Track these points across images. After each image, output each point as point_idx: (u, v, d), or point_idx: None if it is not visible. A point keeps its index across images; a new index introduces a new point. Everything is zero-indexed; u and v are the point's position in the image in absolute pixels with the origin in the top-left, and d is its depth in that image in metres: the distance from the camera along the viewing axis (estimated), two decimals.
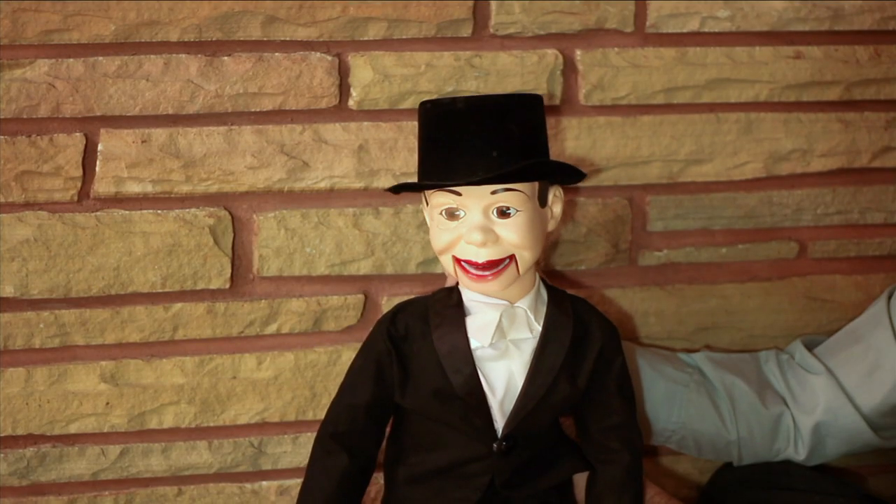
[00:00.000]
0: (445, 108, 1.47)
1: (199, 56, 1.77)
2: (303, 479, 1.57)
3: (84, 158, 1.76)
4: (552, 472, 1.60)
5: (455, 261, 1.50)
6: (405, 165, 1.83)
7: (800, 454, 1.85)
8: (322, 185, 1.83)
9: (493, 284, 1.50)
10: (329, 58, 1.81)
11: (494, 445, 1.53)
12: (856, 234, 2.03)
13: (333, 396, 1.59)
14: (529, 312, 1.53)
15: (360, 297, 1.87)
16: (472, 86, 1.84)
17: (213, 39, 1.77)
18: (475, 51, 1.85)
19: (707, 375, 1.86)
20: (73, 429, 1.82)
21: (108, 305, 1.80)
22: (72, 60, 1.74)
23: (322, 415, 1.83)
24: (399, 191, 1.54)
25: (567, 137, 1.89)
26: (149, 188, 1.78)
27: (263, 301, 1.84)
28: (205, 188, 1.80)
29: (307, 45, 1.80)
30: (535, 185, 1.50)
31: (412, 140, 1.80)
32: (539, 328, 1.53)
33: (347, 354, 1.85)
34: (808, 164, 1.98)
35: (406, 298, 1.62)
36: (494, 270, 1.49)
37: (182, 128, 1.78)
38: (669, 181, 1.94)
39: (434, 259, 1.83)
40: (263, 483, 1.91)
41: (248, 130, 1.80)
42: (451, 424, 1.54)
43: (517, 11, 1.84)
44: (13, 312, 1.78)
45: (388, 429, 1.61)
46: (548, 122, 1.86)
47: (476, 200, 1.47)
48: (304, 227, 1.83)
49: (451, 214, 1.49)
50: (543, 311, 1.55)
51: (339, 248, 1.85)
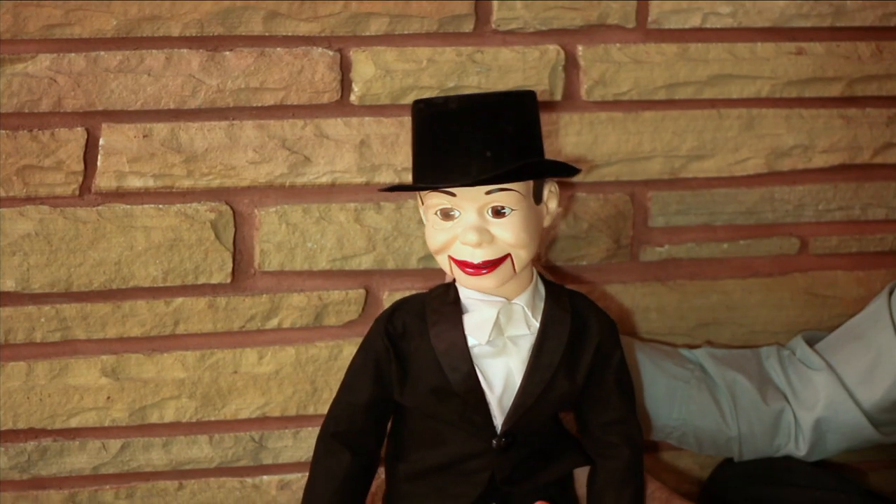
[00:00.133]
0: (438, 108, 1.46)
1: (201, 51, 1.77)
2: (306, 480, 1.57)
3: (85, 153, 1.76)
4: (552, 468, 1.59)
5: (451, 260, 1.51)
6: (406, 160, 1.83)
7: (800, 450, 1.85)
8: (323, 180, 1.83)
9: (490, 280, 1.49)
10: (331, 53, 1.80)
11: (494, 442, 1.53)
12: (857, 230, 2.02)
13: (334, 393, 1.59)
14: (527, 309, 1.53)
15: (362, 292, 1.87)
16: (474, 81, 1.84)
17: (215, 34, 1.77)
18: (477, 46, 1.85)
19: (708, 371, 1.85)
20: (74, 423, 1.82)
21: (110, 300, 1.80)
22: (73, 55, 1.74)
23: (323, 409, 1.83)
24: (393, 191, 1.54)
25: (568, 133, 1.89)
26: (150, 183, 1.78)
27: (264, 296, 1.84)
28: (206, 183, 1.80)
29: (309, 41, 1.80)
30: (530, 183, 1.49)
31: None
32: (537, 324, 1.53)
33: (348, 349, 1.85)
34: (810, 161, 1.98)
35: (406, 294, 1.62)
36: (490, 266, 1.49)
37: (184, 122, 1.78)
38: (671, 177, 1.94)
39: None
40: (264, 477, 1.91)
41: (250, 125, 1.80)
42: (451, 421, 1.53)
43: (519, 7, 1.84)
44: (14, 306, 1.78)
45: (389, 426, 1.61)
46: (550, 118, 1.87)
47: (471, 201, 1.46)
48: (306, 222, 1.83)
49: (446, 214, 1.48)
50: (541, 308, 1.54)
51: (341, 243, 1.85)
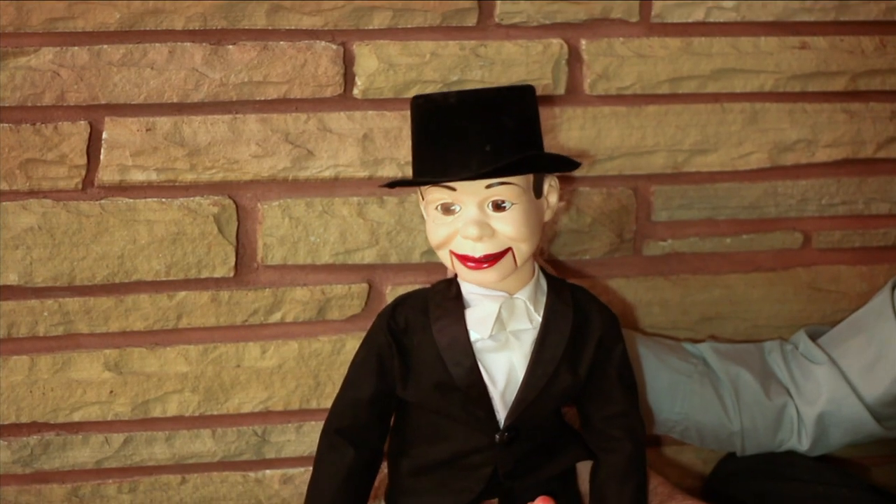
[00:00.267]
0: (438, 103, 1.46)
1: (204, 44, 1.77)
2: (310, 475, 1.57)
3: (88, 146, 1.76)
4: (555, 462, 1.59)
5: (452, 254, 1.50)
6: (409, 154, 1.82)
7: (803, 444, 1.85)
8: (326, 174, 1.83)
9: (491, 274, 1.49)
10: (334, 46, 1.80)
11: (497, 436, 1.53)
12: (860, 225, 2.02)
13: (337, 388, 1.59)
14: (529, 303, 1.53)
15: (365, 286, 1.87)
16: (477, 75, 1.84)
17: (218, 28, 1.77)
18: (480, 40, 1.85)
19: (711, 366, 1.85)
20: (77, 417, 1.82)
21: (112, 294, 1.80)
22: (76, 48, 1.74)
23: (326, 404, 1.83)
24: (394, 186, 1.54)
25: (572, 127, 1.89)
26: (153, 176, 1.78)
27: (267, 290, 1.84)
28: (209, 177, 1.79)
29: (312, 34, 1.80)
30: (530, 177, 1.49)
31: None
32: (539, 319, 1.53)
33: (351, 343, 1.85)
34: (813, 155, 1.98)
35: (409, 288, 1.62)
36: (491, 260, 1.49)
37: (187, 116, 1.78)
38: (674, 171, 1.94)
39: None
40: (267, 471, 1.91)
41: (253, 119, 1.80)
42: (453, 416, 1.54)
43: (522, 1, 1.84)
44: (17, 300, 1.78)
45: (392, 421, 1.61)
46: (553, 112, 1.87)
47: (471, 195, 1.46)
48: (309, 216, 1.83)
49: (447, 209, 1.48)
50: (543, 302, 1.54)
51: (344, 237, 1.85)
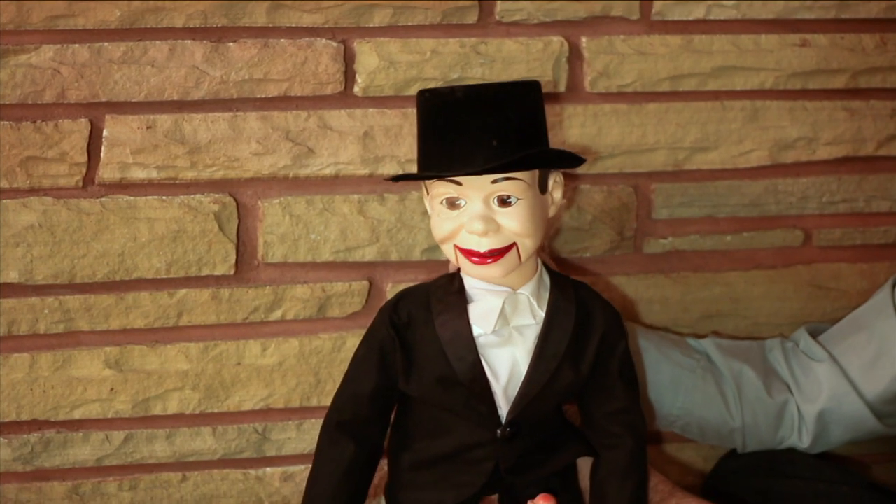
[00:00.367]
0: (444, 98, 1.46)
1: (205, 42, 1.77)
2: (310, 469, 1.57)
3: (89, 144, 1.76)
4: (556, 458, 1.60)
5: (457, 249, 1.50)
6: (410, 152, 1.83)
7: (804, 442, 1.85)
8: (327, 172, 1.83)
9: (495, 269, 1.49)
10: (334, 44, 1.80)
11: (498, 431, 1.53)
12: (861, 223, 2.02)
13: (338, 385, 1.59)
14: (532, 299, 1.53)
15: (365, 284, 1.87)
16: (478, 73, 1.84)
17: (219, 25, 1.77)
18: (481, 37, 1.85)
19: (714, 361, 1.85)
20: (78, 414, 1.82)
21: (113, 291, 1.80)
22: (77, 46, 1.74)
23: (326, 401, 1.83)
24: (399, 180, 1.54)
25: (572, 125, 1.89)
26: (154, 174, 1.78)
27: (268, 287, 1.84)
28: (210, 174, 1.79)
29: (313, 32, 1.80)
30: (536, 173, 1.50)
31: None
32: (542, 314, 1.53)
33: (352, 341, 1.85)
34: (814, 153, 1.98)
35: (410, 286, 1.62)
36: (496, 255, 1.49)
37: (187, 114, 1.78)
38: (675, 169, 1.94)
39: (438, 246, 1.82)
40: (268, 469, 1.91)
41: (254, 117, 1.80)
42: (455, 411, 1.54)
43: None
44: (18, 298, 1.78)
45: (393, 415, 1.61)
46: (553, 110, 1.87)
47: (476, 190, 1.47)
48: (309, 214, 1.83)
49: (452, 204, 1.49)
50: (546, 298, 1.54)
51: (344, 235, 1.85)
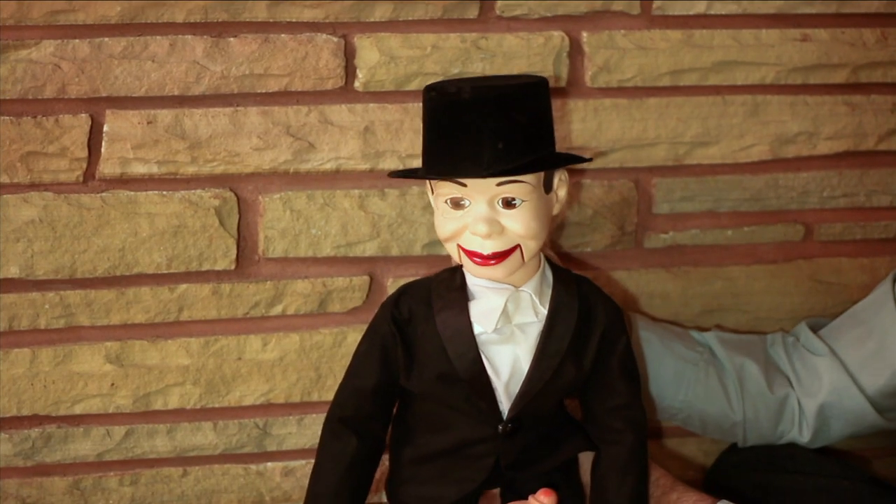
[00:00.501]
0: (450, 97, 1.44)
1: (205, 37, 1.77)
2: (313, 464, 1.57)
3: (89, 139, 1.76)
4: (557, 453, 1.59)
5: (460, 248, 1.50)
6: (411, 147, 1.83)
7: (804, 436, 1.85)
8: (328, 167, 1.83)
9: (498, 270, 1.49)
10: (335, 39, 1.80)
11: (500, 427, 1.53)
12: (862, 217, 2.02)
13: (338, 380, 1.58)
14: (534, 296, 1.52)
15: (366, 279, 1.87)
16: (478, 68, 1.84)
17: (219, 20, 1.76)
18: (481, 32, 1.84)
19: (717, 355, 1.86)
20: (78, 409, 1.82)
21: (114, 286, 1.80)
22: (77, 41, 1.73)
23: (327, 396, 1.83)
24: (402, 177, 1.53)
25: (573, 119, 1.89)
26: (154, 169, 1.78)
27: (269, 282, 1.84)
28: (210, 169, 1.79)
29: (313, 27, 1.80)
30: (541, 173, 1.49)
31: (418, 122, 1.79)
32: (544, 311, 1.53)
33: (353, 336, 1.85)
34: (815, 147, 1.98)
35: (411, 280, 1.62)
36: (499, 257, 1.49)
37: (188, 109, 1.78)
38: (675, 163, 1.94)
39: (439, 241, 1.82)
40: (268, 464, 1.91)
41: (254, 111, 1.80)
42: (456, 407, 1.54)
43: None
44: (18, 293, 1.78)
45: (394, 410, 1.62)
46: (554, 104, 1.85)
47: (481, 191, 1.46)
48: (310, 209, 1.83)
49: (456, 203, 1.48)
50: (549, 294, 1.54)
51: (345, 230, 1.85)
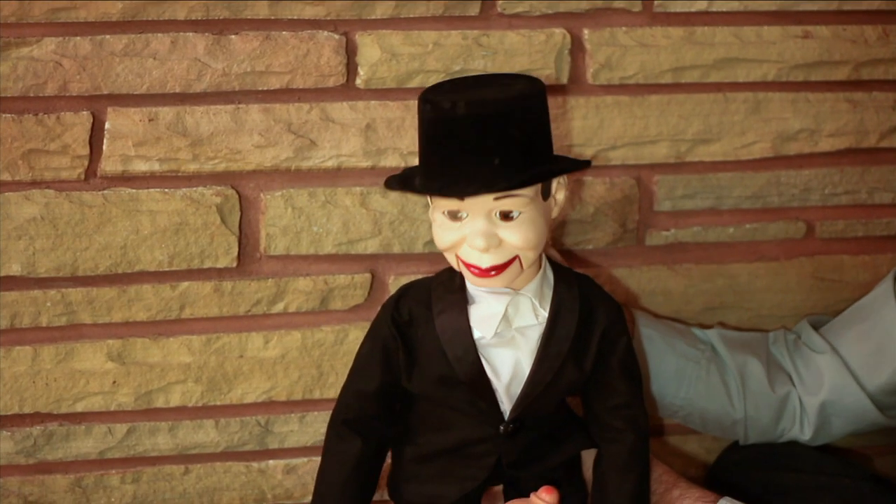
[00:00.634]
0: (445, 113, 1.42)
1: (207, 34, 1.77)
2: (318, 466, 1.57)
3: (91, 137, 1.75)
4: (559, 451, 1.59)
5: (458, 259, 1.50)
6: (412, 144, 1.83)
7: (805, 434, 1.85)
8: (329, 164, 1.83)
9: (497, 281, 1.48)
10: (336, 36, 1.80)
11: (501, 427, 1.53)
12: (863, 215, 2.02)
13: (340, 378, 1.59)
14: (534, 300, 1.52)
15: (368, 276, 1.87)
16: (480, 65, 1.83)
17: (221, 18, 1.76)
18: (483, 30, 1.84)
19: (719, 352, 1.85)
20: (80, 407, 1.82)
21: (115, 284, 1.80)
22: (79, 39, 1.73)
23: (329, 394, 1.84)
24: (398, 190, 1.52)
25: (574, 117, 1.89)
26: (156, 167, 1.78)
27: (270, 280, 1.84)
28: (212, 167, 1.79)
29: (314, 24, 1.80)
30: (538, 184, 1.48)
31: None
32: (544, 314, 1.52)
33: (354, 333, 1.85)
34: (816, 144, 1.97)
35: (412, 279, 1.61)
36: (498, 269, 1.48)
37: (189, 106, 1.78)
38: (677, 161, 1.94)
39: None
40: (270, 462, 1.91)
41: (256, 109, 1.80)
42: (458, 408, 1.54)
43: None
44: (20, 291, 1.78)
45: None
46: (556, 102, 1.87)
47: (479, 205, 1.44)
48: (312, 206, 1.83)
49: (454, 216, 1.46)
50: (549, 296, 1.53)
51: (347, 227, 1.84)
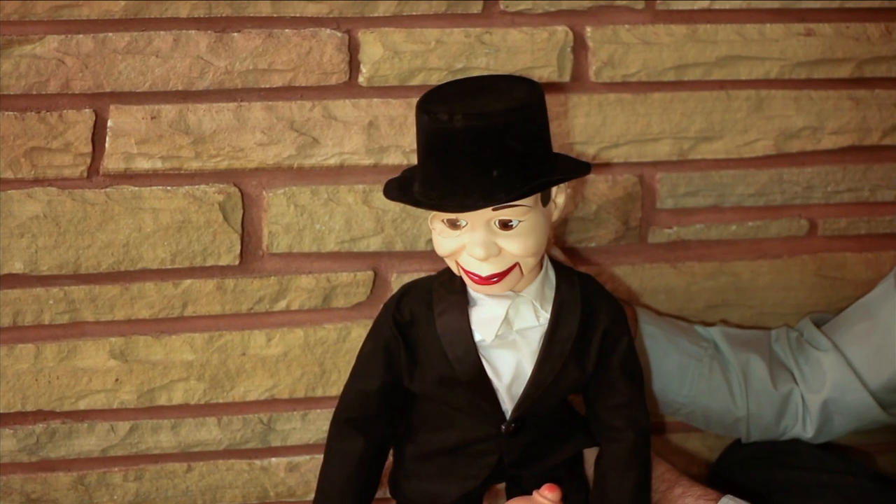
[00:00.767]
0: (443, 125, 1.41)
1: (209, 32, 1.76)
2: (321, 465, 1.58)
3: (93, 135, 1.75)
4: (561, 450, 1.60)
5: (459, 265, 1.49)
6: (415, 142, 1.81)
7: (808, 432, 1.85)
8: (332, 162, 1.82)
9: (498, 288, 1.48)
10: (339, 34, 1.80)
11: (503, 427, 1.53)
12: (866, 212, 2.02)
13: (342, 375, 1.59)
14: (535, 301, 1.52)
15: (370, 274, 1.87)
16: (482, 63, 1.83)
17: (223, 15, 1.76)
18: (485, 27, 1.84)
19: (722, 350, 1.86)
20: (83, 405, 1.82)
21: (118, 282, 1.80)
22: (81, 36, 1.73)
23: (331, 392, 1.84)
24: (397, 201, 1.52)
25: (577, 115, 1.89)
26: (158, 164, 1.77)
27: (273, 278, 1.84)
28: (214, 164, 1.79)
29: (317, 22, 1.80)
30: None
31: None
32: (546, 315, 1.52)
33: (357, 331, 1.85)
34: (819, 142, 1.97)
35: (414, 276, 1.61)
36: (498, 277, 1.47)
37: (192, 104, 1.78)
38: (679, 158, 1.93)
39: None
40: (273, 460, 1.91)
41: (258, 107, 1.79)
42: (459, 407, 1.54)
43: None
44: (23, 288, 1.78)
45: None
46: (558, 100, 1.87)
47: (478, 215, 1.44)
48: (314, 204, 1.83)
49: (453, 224, 1.46)
50: (551, 297, 1.53)
51: (349, 225, 1.84)
